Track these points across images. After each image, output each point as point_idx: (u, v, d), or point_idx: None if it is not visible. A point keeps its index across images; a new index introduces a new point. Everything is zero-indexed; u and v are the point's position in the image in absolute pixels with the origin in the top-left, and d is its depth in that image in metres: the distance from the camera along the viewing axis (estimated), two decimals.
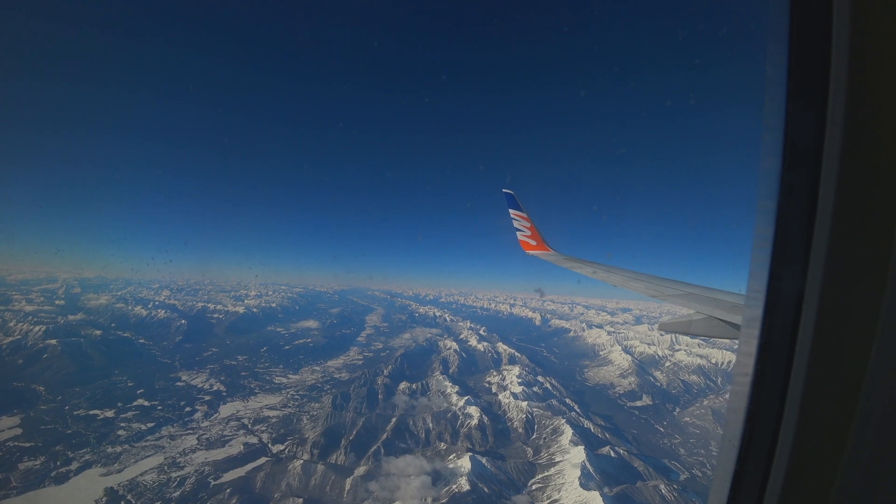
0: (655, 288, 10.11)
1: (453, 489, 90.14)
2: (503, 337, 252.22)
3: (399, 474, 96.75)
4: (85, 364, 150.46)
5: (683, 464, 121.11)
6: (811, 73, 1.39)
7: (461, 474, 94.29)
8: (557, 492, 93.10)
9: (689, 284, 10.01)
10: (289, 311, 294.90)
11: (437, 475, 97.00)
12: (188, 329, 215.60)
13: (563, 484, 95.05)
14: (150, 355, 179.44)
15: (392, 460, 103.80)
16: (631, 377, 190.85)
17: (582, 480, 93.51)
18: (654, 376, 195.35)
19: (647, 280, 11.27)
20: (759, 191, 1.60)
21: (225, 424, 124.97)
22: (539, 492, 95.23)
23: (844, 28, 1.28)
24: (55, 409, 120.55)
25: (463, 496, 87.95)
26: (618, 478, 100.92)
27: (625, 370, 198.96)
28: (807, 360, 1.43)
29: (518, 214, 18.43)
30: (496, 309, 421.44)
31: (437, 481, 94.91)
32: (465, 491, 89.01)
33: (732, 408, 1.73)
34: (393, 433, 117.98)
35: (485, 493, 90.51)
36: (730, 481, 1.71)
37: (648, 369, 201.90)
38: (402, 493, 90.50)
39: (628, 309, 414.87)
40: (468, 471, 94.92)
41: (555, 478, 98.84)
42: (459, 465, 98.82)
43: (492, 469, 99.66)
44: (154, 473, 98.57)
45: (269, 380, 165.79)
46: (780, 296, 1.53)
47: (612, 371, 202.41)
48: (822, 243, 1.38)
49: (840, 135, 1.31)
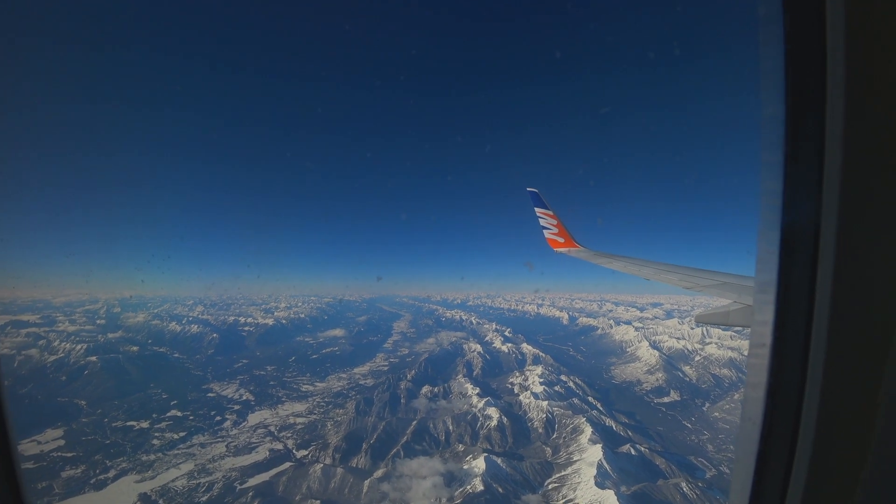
0: (689, 279, 9.96)
1: (467, 490, 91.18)
2: (529, 338, 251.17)
3: (413, 476, 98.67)
4: (123, 379, 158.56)
5: (711, 461, 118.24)
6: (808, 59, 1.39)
7: (475, 475, 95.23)
8: (573, 491, 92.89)
9: (725, 274, 9.78)
10: (317, 321, 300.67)
11: (451, 476, 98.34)
12: (220, 342, 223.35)
13: (578, 483, 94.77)
14: (184, 368, 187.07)
15: (407, 462, 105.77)
16: (658, 373, 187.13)
17: (598, 479, 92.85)
18: (683, 371, 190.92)
19: (680, 272, 11.07)
20: (762, 182, 1.61)
21: (252, 432, 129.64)
22: (555, 491, 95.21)
23: (840, 12, 1.29)
24: (95, 422, 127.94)
25: (476, 496, 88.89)
26: (637, 476, 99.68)
27: (652, 366, 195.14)
28: (824, 348, 1.40)
29: (544, 213, 18.38)
30: (523, 310, 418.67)
31: (452, 482, 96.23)
32: (478, 491, 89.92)
33: (749, 398, 1.71)
34: (413, 436, 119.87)
35: (499, 494, 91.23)
36: (752, 474, 1.68)
37: (677, 364, 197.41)
38: (413, 493, 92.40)
39: (659, 304, 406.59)
40: (483, 471, 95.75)
41: (571, 477, 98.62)
42: (474, 465, 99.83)
43: (507, 469, 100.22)
44: (184, 479, 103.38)
45: (296, 388, 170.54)
46: (792, 288, 1.51)
47: (639, 367, 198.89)
48: (829, 231, 1.37)
49: (841, 122, 1.31)
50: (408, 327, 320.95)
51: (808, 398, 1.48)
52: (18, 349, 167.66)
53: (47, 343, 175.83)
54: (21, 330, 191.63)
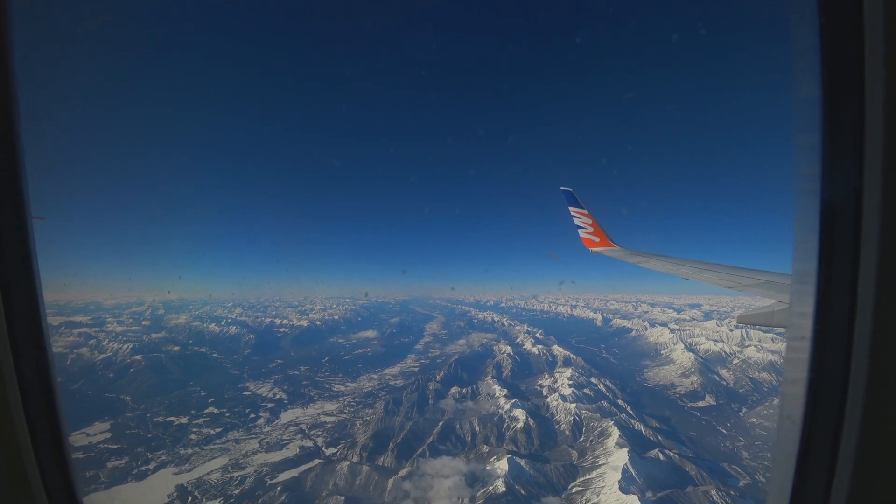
0: (730, 278, 9.68)
1: (489, 490, 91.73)
2: (560, 339, 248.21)
3: (435, 475, 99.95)
4: (165, 377, 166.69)
5: (745, 468, 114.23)
6: (847, 50, 1.36)
7: (498, 476, 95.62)
8: (596, 495, 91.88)
9: (768, 272, 9.45)
10: (351, 322, 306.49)
11: (474, 477, 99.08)
12: (256, 343, 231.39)
13: (602, 487, 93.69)
14: (222, 368, 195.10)
15: (430, 462, 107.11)
16: (693, 376, 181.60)
17: (622, 484, 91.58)
18: (720, 374, 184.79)
19: (720, 270, 10.74)
20: (799, 168, 1.58)
21: (284, 429, 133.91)
22: (578, 495, 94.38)
23: (879, 7, 1.24)
24: (139, 416, 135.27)
25: (498, 497, 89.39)
26: (665, 482, 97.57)
27: (687, 369, 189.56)
28: (869, 341, 1.34)
29: (578, 212, 18.20)
30: (557, 311, 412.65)
31: (474, 483, 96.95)
32: (500, 492, 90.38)
33: (787, 395, 1.66)
34: (438, 436, 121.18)
35: (521, 495, 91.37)
36: (792, 476, 1.62)
37: (714, 367, 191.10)
38: (434, 492, 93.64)
39: (697, 304, 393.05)
40: (505, 472, 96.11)
41: (595, 481, 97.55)
42: (497, 467, 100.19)
43: (530, 471, 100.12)
44: (219, 473, 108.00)
45: (328, 388, 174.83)
46: (833, 278, 1.46)
47: (674, 370, 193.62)
48: (873, 218, 1.32)
49: (882, 116, 1.28)
50: (440, 329, 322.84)
51: (852, 395, 1.40)
52: (71, 348, 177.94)
53: (97, 342, 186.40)
54: (74, 330, 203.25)
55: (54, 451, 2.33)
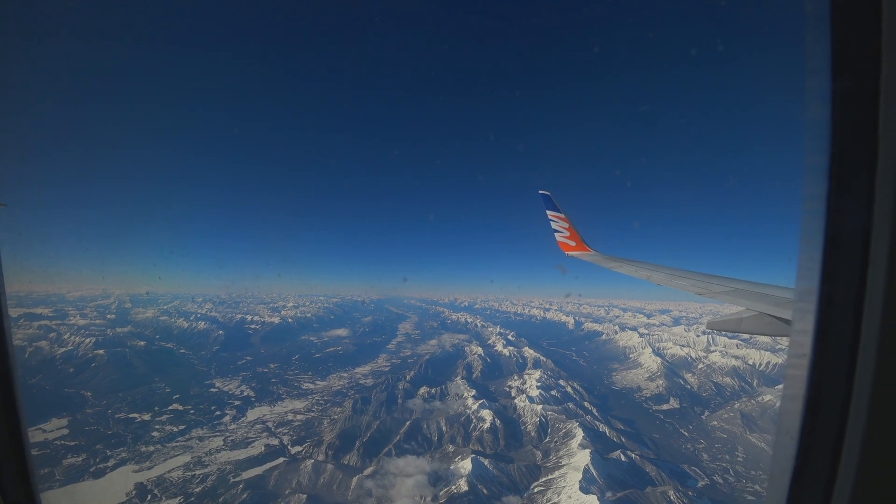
0: (701, 285, 9.81)
1: (452, 489, 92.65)
2: (532, 342, 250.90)
3: (398, 474, 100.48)
4: (128, 372, 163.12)
5: (704, 470, 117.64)
6: (861, 55, 1.28)
7: (461, 475, 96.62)
8: (557, 495, 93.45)
9: (737, 280, 9.66)
10: (323, 320, 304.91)
11: (437, 476, 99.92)
12: (225, 339, 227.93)
13: (563, 487, 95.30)
14: (189, 364, 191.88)
15: (395, 461, 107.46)
16: (659, 380, 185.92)
17: (583, 484, 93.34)
18: (685, 379, 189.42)
19: (691, 277, 10.88)
20: (805, 185, 1.51)
21: (251, 427, 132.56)
22: (540, 494, 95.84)
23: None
24: (99, 413, 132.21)
25: (460, 496, 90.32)
26: (625, 482, 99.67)
27: (653, 373, 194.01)
28: (874, 360, 1.29)
29: (556, 216, 18.18)
30: (530, 314, 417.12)
31: (437, 482, 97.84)
32: (463, 492, 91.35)
33: (786, 410, 1.62)
34: (405, 436, 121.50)
35: (483, 495, 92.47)
36: (787, 492, 1.59)
37: (679, 372, 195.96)
38: (396, 491, 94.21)
39: (667, 310, 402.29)
40: (469, 472, 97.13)
41: (557, 481, 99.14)
42: (461, 466, 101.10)
43: (494, 471, 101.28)
44: (181, 471, 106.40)
45: (297, 386, 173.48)
46: (837, 298, 1.41)
47: (641, 374, 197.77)
48: (882, 237, 1.26)
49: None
50: (413, 329, 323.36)
51: (853, 418, 1.35)
52: (30, 341, 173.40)
53: (58, 336, 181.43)
54: (33, 322, 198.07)
55: (13, 448, 2.27)
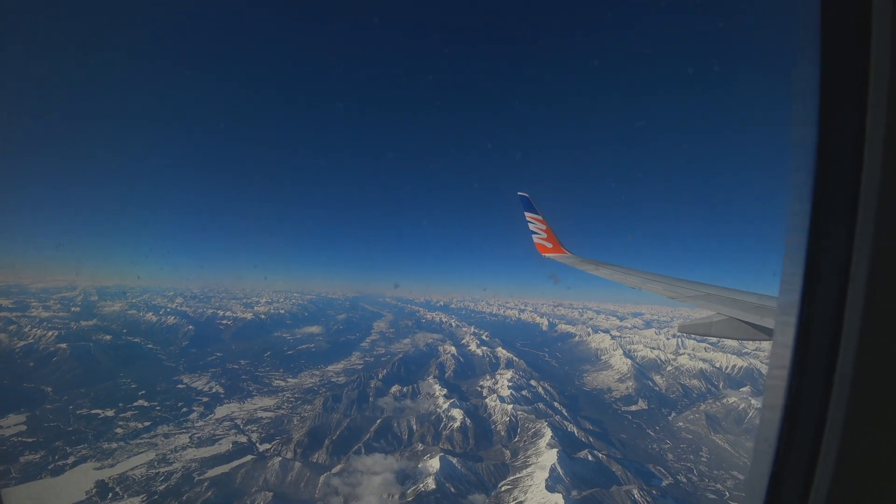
0: (673, 289, 9.98)
1: (419, 488, 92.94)
2: (506, 342, 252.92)
3: (366, 472, 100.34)
4: (92, 367, 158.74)
5: (669, 469, 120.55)
6: (849, 60, 1.29)
7: (429, 474, 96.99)
8: (524, 493, 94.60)
9: (708, 285, 9.79)
10: (297, 317, 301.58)
11: (405, 474, 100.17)
12: (195, 334, 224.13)
13: (530, 486, 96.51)
14: (157, 359, 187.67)
15: (363, 459, 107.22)
16: (629, 381, 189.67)
17: (549, 483, 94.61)
18: (654, 381, 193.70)
19: (665, 281, 11.09)
20: (792, 190, 1.51)
21: (218, 424, 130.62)
22: (507, 493, 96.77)
23: (886, 17, 1.18)
24: (60, 409, 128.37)
25: (427, 495, 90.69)
26: (591, 481, 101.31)
27: (623, 374, 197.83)
28: (850, 374, 1.31)
29: (534, 217, 18.34)
30: (505, 314, 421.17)
31: (405, 480, 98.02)
32: (430, 490, 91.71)
33: (765, 419, 1.63)
34: (375, 434, 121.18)
35: (450, 493, 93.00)
36: (764, 494, 1.60)
37: (648, 373, 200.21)
38: (363, 489, 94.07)
39: (640, 313, 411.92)
40: (436, 470, 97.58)
41: (524, 480, 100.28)
42: (429, 465, 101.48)
43: (462, 470, 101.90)
44: (144, 468, 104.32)
45: (267, 383, 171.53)
46: (819, 300, 1.42)
47: (611, 375, 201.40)
48: (865, 244, 1.27)
49: (882, 130, 1.21)
50: (387, 327, 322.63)
51: (830, 425, 1.38)
52: None
53: (18, 328, 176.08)
54: None
55: None
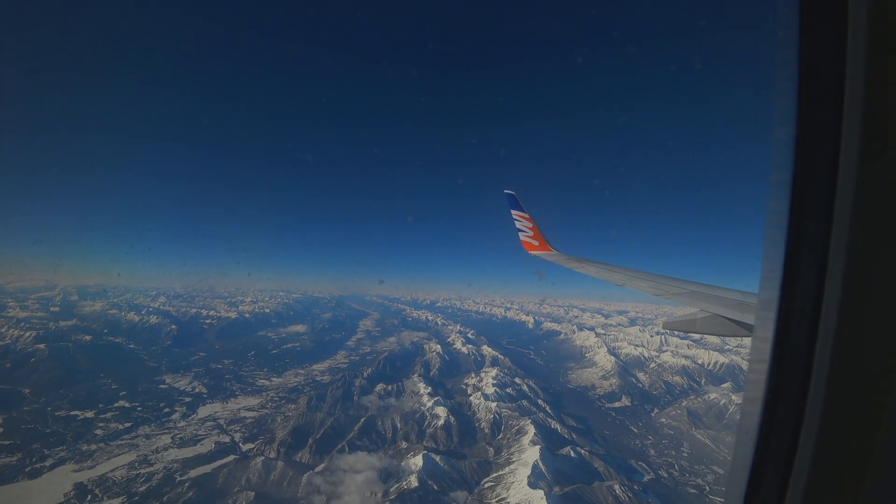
0: (659, 286, 10.06)
1: (402, 486, 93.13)
2: (491, 340, 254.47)
3: (349, 470, 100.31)
4: (71, 368, 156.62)
5: (651, 465, 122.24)
6: (826, 61, 1.32)
7: (412, 472, 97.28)
8: (506, 490, 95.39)
9: (693, 283, 9.90)
10: (282, 316, 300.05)
11: (388, 472, 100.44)
12: (178, 334, 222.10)
13: (512, 483, 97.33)
14: (139, 359, 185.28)
15: (346, 457, 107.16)
16: (613, 378, 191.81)
17: (531, 479, 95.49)
18: (637, 377, 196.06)
19: (650, 279, 11.12)
20: (771, 188, 1.54)
21: (201, 424, 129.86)
22: (489, 490, 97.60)
23: (862, 15, 1.21)
24: (38, 410, 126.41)
25: (410, 492, 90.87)
26: (573, 477, 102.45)
27: (607, 372, 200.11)
28: (828, 358, 1.34)
29: (520, 215, 18.30)
30: (491, 313, 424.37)
31: (388, 478, 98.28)
32: (413, 487, 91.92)
33: (746, 412, 1.67)
34: (359, 433, 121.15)
35: (433, 490, 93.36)
36: (745, 485, 1.66)
37: (632, 371, 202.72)
38: (345, 487, 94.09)
39: (625, 311, 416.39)
40: (419, 468, 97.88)
41: (507, 476, 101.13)
42: (413, 463, 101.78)
43: (445, 467, 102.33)
44: (124, 470, 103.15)
45: (251, 382, 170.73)
46: (797, 296, 1.46)
47: (595, 373, 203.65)
48: (841, 241, 1.31)
49: (858, 129, 1.24)
50: (374, 326, 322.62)
51: (808, 418, 1.43)
52: None
53: None
54: None
55: None
